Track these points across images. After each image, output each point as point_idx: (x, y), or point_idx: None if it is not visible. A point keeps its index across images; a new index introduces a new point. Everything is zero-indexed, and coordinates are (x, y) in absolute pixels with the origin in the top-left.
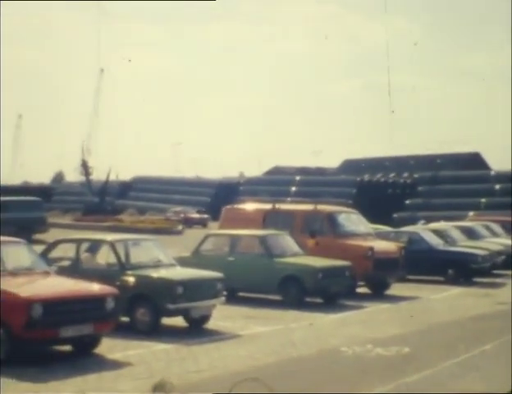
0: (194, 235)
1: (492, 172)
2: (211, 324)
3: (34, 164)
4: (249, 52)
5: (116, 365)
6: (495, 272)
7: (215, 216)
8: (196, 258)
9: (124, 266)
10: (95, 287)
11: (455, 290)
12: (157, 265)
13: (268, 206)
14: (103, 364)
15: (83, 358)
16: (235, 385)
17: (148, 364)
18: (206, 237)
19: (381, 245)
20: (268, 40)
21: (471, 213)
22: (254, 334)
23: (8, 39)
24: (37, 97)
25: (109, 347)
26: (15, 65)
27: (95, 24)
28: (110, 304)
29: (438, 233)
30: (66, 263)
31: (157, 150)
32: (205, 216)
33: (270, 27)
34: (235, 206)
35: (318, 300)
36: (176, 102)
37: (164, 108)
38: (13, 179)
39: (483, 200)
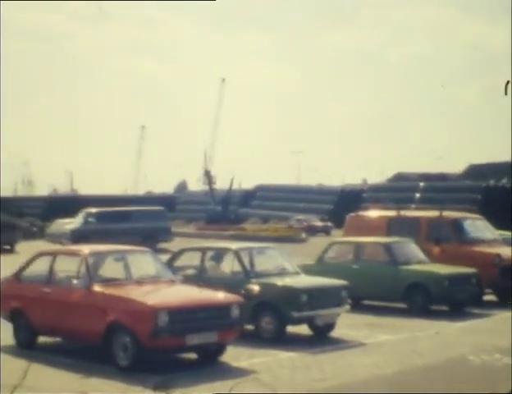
0: (317, 243)
1: None
2: (335, 332)
3: (158, 174)
4: (368, 58)
5: (241, 373)
6: None
7: (338, 223)
8: (320, 266)
9: (249, 274)
10: (220, 295)
11: None
12: (282, 273)
13: (392, 213)
14: (228, 372)
15: (208, 366)
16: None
17: (273, 372)
18: (330, 245)
19: (508, 252)
20: (387, 45)
21: None
22: (379, 343)
23: (131, 52)
24: (160, 108)
25: (234, 355)
26: (137, 77)
27: (214, 34)
28: (235, 313)
29: None
30: (191, 271)
31: (278, 158)
32: (328, 224)
33: (387, 32)
34: (359, 213)
35: (444, 308)
36: (295, 109)
37: (284, 116)
38: (137, 189)
39: None
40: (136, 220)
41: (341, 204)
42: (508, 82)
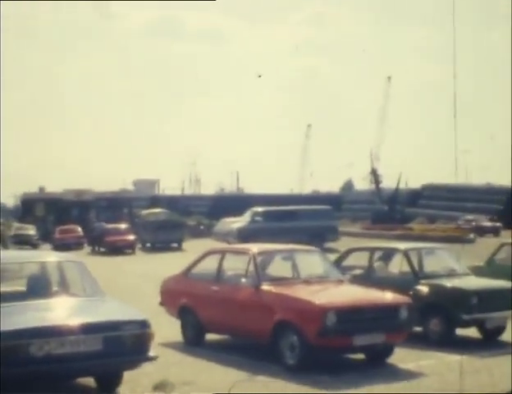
0: (486, 243)
1: None
2: (505, 336)
3: (323, 173)
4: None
5: (407, 375)
6: None
7: (507, 224)
8: (490, 268)
9: (417, 275)
10: (388, 296)
11: None
12: (451, 274)
13: None
14: (395, 374)
15: (375, 367)
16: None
17: (441, 375)
18: (501, 246)
19: None
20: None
21: None
22: None
23: (299, 50)
24: (326, 105)
25: (402, 357)
26: (302, 74)
27: (379, 30)
28: (403, 314)
29: None
30: (358, 271)
31: (445, 157)
32: (497, 224)
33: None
34: None
35: None
36: (463, 107)
37: (450, 115)
38: (303, 188)
39: None
40: (303, 219)
41: (511, 205)
42: None
